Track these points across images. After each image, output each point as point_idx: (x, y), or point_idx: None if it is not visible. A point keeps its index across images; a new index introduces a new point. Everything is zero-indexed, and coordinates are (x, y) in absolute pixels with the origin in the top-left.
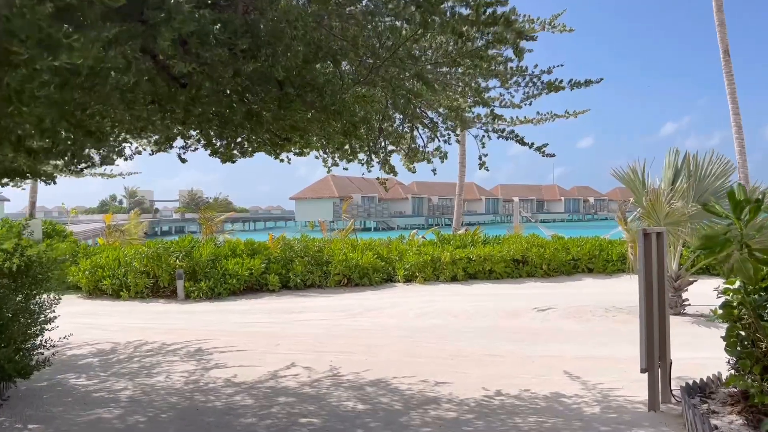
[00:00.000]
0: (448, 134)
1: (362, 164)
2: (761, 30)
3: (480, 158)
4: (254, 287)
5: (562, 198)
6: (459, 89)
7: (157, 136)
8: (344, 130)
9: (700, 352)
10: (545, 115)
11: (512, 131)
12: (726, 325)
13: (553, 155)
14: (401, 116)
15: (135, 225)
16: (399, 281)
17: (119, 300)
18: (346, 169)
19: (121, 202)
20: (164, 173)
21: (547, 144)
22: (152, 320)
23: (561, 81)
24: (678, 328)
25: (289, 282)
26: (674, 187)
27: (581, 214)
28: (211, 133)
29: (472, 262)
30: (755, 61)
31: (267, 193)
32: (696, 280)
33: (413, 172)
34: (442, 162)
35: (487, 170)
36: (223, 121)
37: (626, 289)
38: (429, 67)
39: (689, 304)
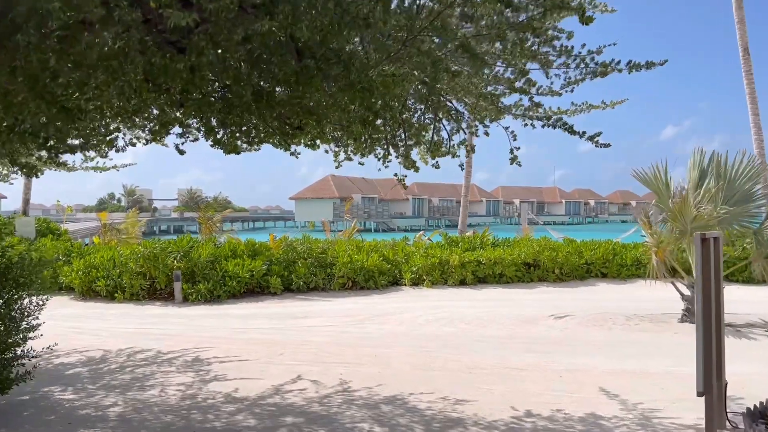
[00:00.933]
0: (476, 126)
1: (379, 159)
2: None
3: (511, 152)
4: (255, 290)
5: (563, 200)
6: (495, 71)
7: (151, 124)
8: (363, 118)
9: (741, 366)
10: (580, 105)
11: (560, 119)
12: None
13: (608, 145)
14: (422, 106)
15: (132, 224)
16: (405, 285)
17: (113, 302)
18: (362, 164)
19: (119, 200)
20: (164, 172)
21: (601, 133)
22: (147, 325)
23: (618, 62)
24: None
25: (291, 284)
26: (701, 189)
27: (582, 216)
28: (213, 120)
29: (481, 265)
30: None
31: (267, 193)
32: (724, 287)
33: (436, 168)
34: (468, 156)
35: (519, 165)
36: (228, 105)
37: (644, 295)
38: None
39: None
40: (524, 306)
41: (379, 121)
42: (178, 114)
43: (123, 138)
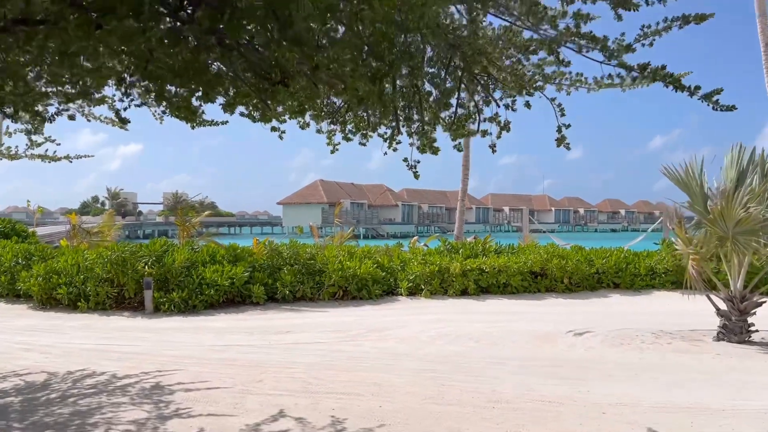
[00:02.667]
0: (513, 97)
1: (385, 139)
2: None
3: (559, 130)
4: (236, 299)
5: (552, 208)
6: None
7: (80, 82)
8: (375, 71)
9: None
10: (647, 72)
11: (670, 74)
12: None
13: (731, 108)
14: (444, 69)
15: (108, 227)
16: (402, 294)
17: (76, 312)
18: (364, 143)
19: (103, 203)
20: (151, 176)
21: (721, 89)
22: (109, 340)
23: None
24: (751, 361)
25: (276, 293)
26: (741, 189)
27: (571, 225)
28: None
29: (484, 274)
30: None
31: (255, 198)
32: (765, 301)
33: (459, 150)
34: (500, 137)
35: (568, 148)
36: (173, 40)
37: (663, 308)
38: None
39: (756, 330)
40: (536, 320)
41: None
42: (113, 62)
43: (56, 107)
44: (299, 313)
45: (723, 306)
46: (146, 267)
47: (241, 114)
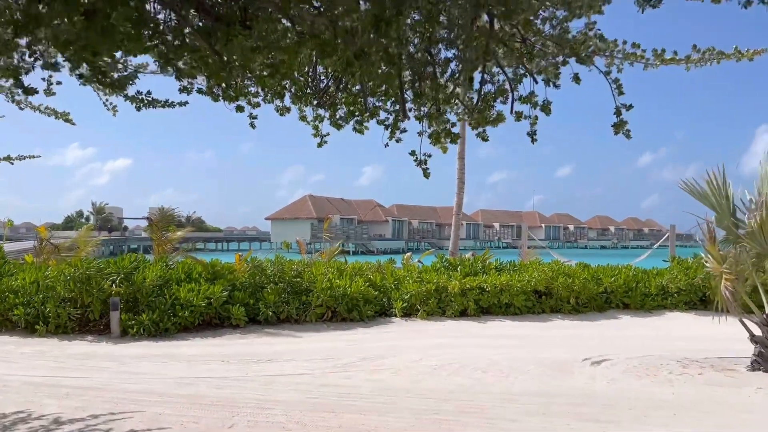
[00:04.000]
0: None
1: (387, 127)
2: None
3: (617, 113)
4: (213, 321)
5: (542, 225)
6: None
7: None
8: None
9: None
10: (709, 53)
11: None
12: None
13: None
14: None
15: (84, 242)
16: (396, 315)
17: (33, 336)
18: (361, 131)
19: (88, 218)
20: (138, 192)
21: None
22: (62, 370)
23: None
24: None
25: (258, 314)
26: None
27: (561, 241)
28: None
29: (485, 293)
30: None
31: (244, 214)
32: None
33: (484, 140)
34: (535, 124)
35: (628, 136)
36: None
37: (679, 331)
38: None
39: None
40: (545, 345)
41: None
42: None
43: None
44: (283, 337)
45: (758, 331)
46: (113, 285)
47: (199, 91)
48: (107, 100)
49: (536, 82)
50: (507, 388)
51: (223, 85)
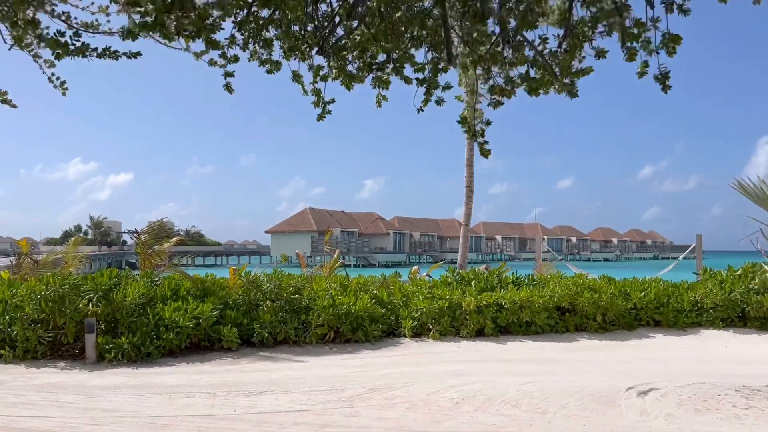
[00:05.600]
0: None
1: (422, 83)
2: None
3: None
4: (203, 343)
5: (545, 237)
6: None
7: None
8: None
9: None
10: None
11: None
12: None
13: None
14: None
15: (72, 257)
16: (405, 335)
17: None
18: (384, 84)
19: (86, 233)
20: (140, 206)
21: None
22: (16, 408)
23: None
24: None
25: (252, 335)
26: None
27: (564, 253)
28: None
29: (503, 310)
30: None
31: (245, 228)
32: None
33: (574, 96)
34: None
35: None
36: None
37: (723, 351)
38: None
39: None
40: (578, 371)
41: None
42: None
43: None
44: (280, 362)
45: None
46: (90, 305)
47: (146, 26)
48: (51, 73)
49: (651, 6)
50: (546, 427)
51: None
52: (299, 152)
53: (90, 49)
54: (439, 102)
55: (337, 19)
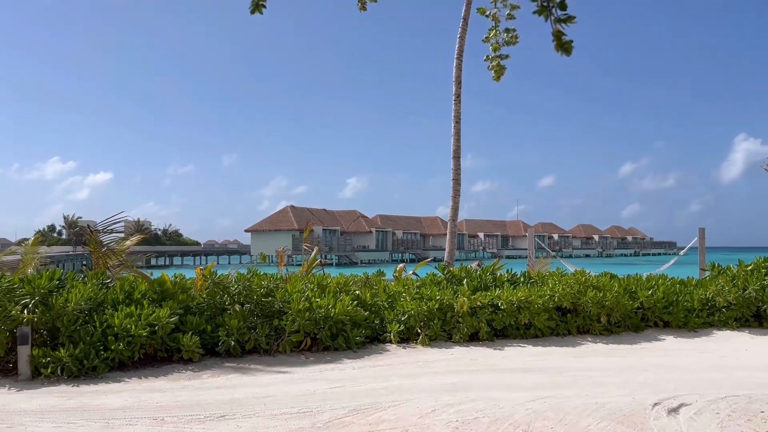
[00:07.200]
0: None
1: None
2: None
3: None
4: (159, 354)
5: (527, 234)
6: None
7: None
8: None
9: None
10: None
11: None
12: None
13: None
14: None
15: (30, 257)
16: (391, 341)
17: None
18: None
19: (60, 233)
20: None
21: None
22: None
23: None
24: None
25: (217, 344)
26: None
27: (547, 250)
28: None
29: (499, 311)
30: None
31: (226, 227)
32: None
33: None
34: None
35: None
36: None
37: (743, 355)
38: None
39: None
40: (591, 383)
41: None
42: None
43: None
44: (247, 375)
45: None
46: (25, 311)
47: None
48: None
49: None
50: None
51: None
52: (282, 151)
53: None
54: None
55: None
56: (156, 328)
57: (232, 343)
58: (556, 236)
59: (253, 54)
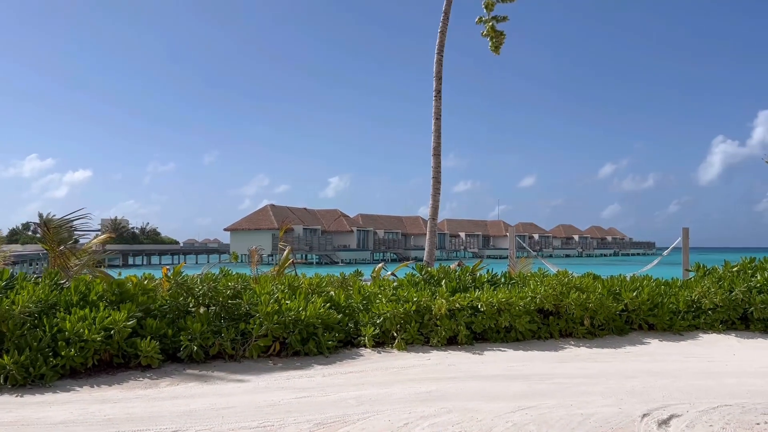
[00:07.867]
0: None
1: None
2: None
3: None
4: (115, 360)
5: (508, 234)
6: None
7: None
8: None
9: None
10: None
11: None
12: None
13: None
14: None
15: None
16: (365, 345)
17: None
18: None
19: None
20: (99, 204)
21: None
22: None
23: None
24: None
25: (179, 349)
26: None
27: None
28: None
29: (479, 314)
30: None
31: (206, 226)
32: None
33: None
34: None
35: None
36: None
37: (733, 360)
38: None
39: None
40: (575, 391)
41: None
42: None
43: None
44: (208, 384)
45: None
46: None
47: None
48: None
49: None
50: None
51: None
52: (263, 150)
53: None
54: None
55: None
56: (112, 332)
57: (195, 348)
58: (536, 236)
59: (235, 51)
